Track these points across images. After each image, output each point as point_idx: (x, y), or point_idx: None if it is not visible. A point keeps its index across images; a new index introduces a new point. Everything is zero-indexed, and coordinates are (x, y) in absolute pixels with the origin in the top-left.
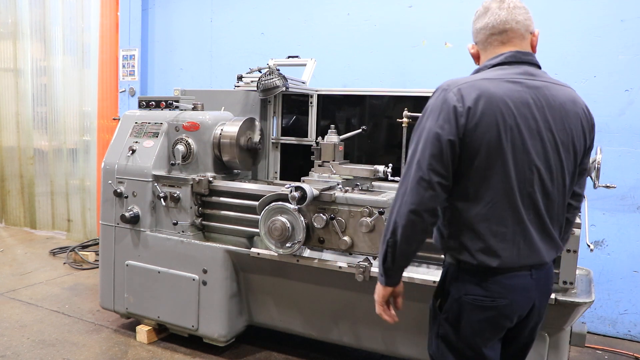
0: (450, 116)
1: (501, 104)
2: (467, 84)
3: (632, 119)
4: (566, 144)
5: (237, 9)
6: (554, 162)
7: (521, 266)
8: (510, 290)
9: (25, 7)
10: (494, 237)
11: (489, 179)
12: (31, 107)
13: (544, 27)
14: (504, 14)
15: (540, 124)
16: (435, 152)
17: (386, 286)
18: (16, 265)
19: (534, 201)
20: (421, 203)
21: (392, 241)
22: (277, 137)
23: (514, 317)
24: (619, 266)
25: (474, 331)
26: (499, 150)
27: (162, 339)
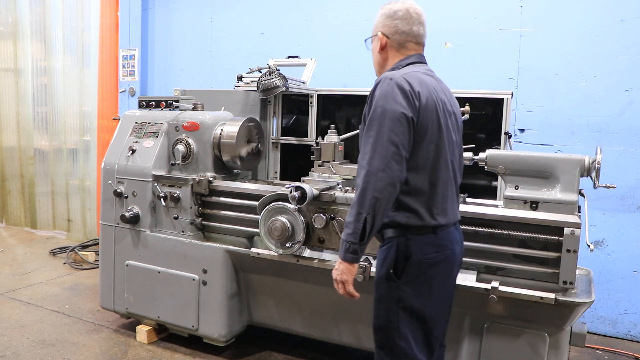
0: (408, 98)
1: (433, 90)
2: (409, 75)
3: (632, 119)
4: (458, 123)
5: (237, 9)
6: (455, 137)
7: (451, 223)
8: (450, 239)
9: (25, 7)
10: (437, 200)
11: (431, 152)
12: (31, 107)
13: (544, 27)
14: (422, 30)
15: (449, 107)
16: (404, 130)
17: (354, 263)
18: (16, 265)
19: (453, 169)
20: (396, 176)
21: (371, 217)
22: (277, 137)
23: (456, 266)
24: (619, 266)
25: (433, 285)
26: (439, 127)
27: (162, 339)
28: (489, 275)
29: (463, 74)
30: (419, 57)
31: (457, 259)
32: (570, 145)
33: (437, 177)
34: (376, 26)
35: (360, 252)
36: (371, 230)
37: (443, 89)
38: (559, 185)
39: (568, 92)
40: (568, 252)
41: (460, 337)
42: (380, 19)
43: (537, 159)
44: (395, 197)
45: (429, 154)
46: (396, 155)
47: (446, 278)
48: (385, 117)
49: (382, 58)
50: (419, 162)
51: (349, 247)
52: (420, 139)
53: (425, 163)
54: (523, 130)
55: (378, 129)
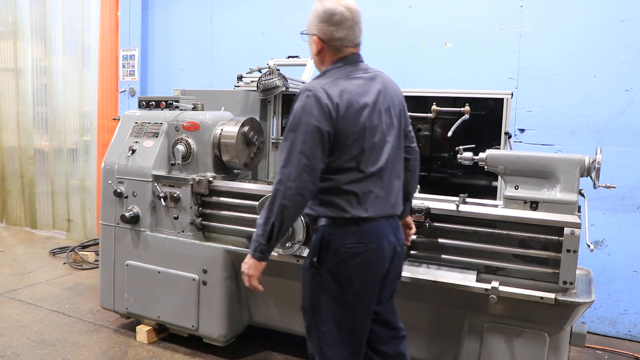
0: (324, 111)
1: (356, 96)
2: (329, 85)
3: (632, 119)
4: (398, 114)
5: (237, 9)
6: (395, 130)
7: (382, 216)
8: (376, 233)
9: (25, 7)
10: (361, 196)
11: (355, 155)
12: (31, 107)
13: (544, 27)
14: (357, 30)
15: (383, 104)
16: (316, 143)
17: (262, 261)
18: (16, 265)
19: (386, 165)
20: (305, 187)
21: (278, 222)
22: (277, 137)
23: (383, 259)
24: (619, 266)
25: (353, 275)
26: (361, 132)
27: (162, 339)
28: (489, 275)
29: (463, 74)
30: (353, 58)
31: (386, 252)
32: (570, 145)
33: (363, 176)
34: (310, 26)
35: (267, 252)
36: (278, 234)
37: (375, 87)
38: (559, 185)
39: (568, 92)
40: (568, 252)
41: (460, 337)
42: (314, 20)
43: (537, 159)
44: (304, 205)
45: (354, 156)
46: (307, 167)
47: (370, 270)
48: (300, 129)
49: (319, 59)
50: (342, 164)
51: (257, 246)
52: (344, 144)
53: (350, 164)
54: (523, 130)
55: (293, 140)
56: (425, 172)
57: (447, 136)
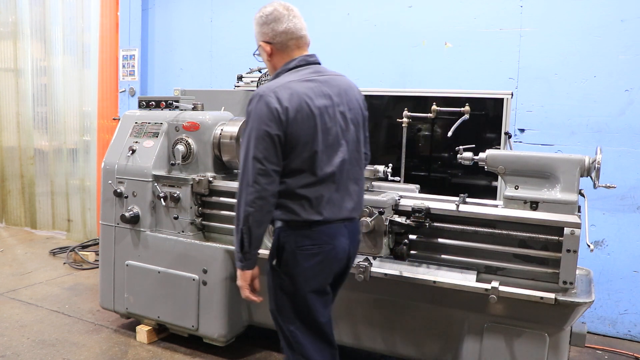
0: (274, 115)
1: (307, 98)
2: (280, 89)
3: (632, 119)
4: (355, 119)
5: (237, 9)
6: (350, 135)
7: (335, 220)
8: (331, 235)
9: (25, 7)
10: (313, 200)
11: (307, 158)
12: (31, 107)
13: (544, 27)
14: (298, 22)
15: (337, 107)
16: (267, 146)
17: (247, 270)
18: (16, 265)
19: (340, 168)
20: (263, 190)
21: (246, 228)
22: None
23: (337, 261)
24: (619, 266)
25: (309, 275)
26: (313, 135)
27: (162, 339)
28: (489, 275)
29: (463, 74)
30: (304, 59)
31: (339, 254)
32: (570, 145)
33: (315, 179)
34: (256, 38)
35: (246, 260)
36: (250, 240)
37: (329, 91)
38: (559, 185)
39: (568, 92)
40: (568, 252)
41: (460, 337)
42: (256, 29)
43: (537, 159)
44: (269, 208)
45: (306, 159)
46: (261, 170)
47: (326, 270)
48: (252, 135)
49: (271, 65)
50: (294, 167)
51: (236, 257)
52: (295, 147)
53: (302, 167)
54: (523, 130)
55: (246, 146)
56: (425, 172)
57: (447, 136)
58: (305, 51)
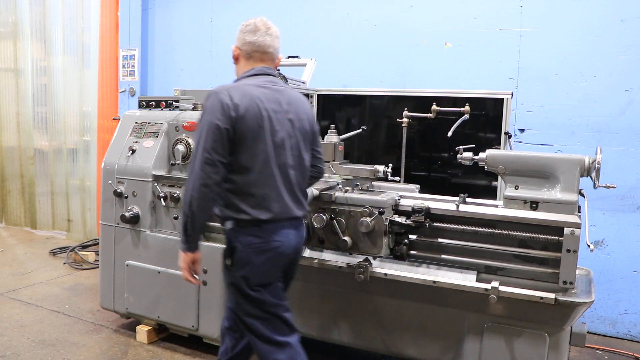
0: (224, 110)
1: (258, 101)
2: (234, 88)
3: (632, 119)
4: (302, 128)
5: (237, 9)
6: (296, 142)
7: (282, 219)
8: (278, 233)
9: (25, 7)
10: (261, 198)
11: (254, 155)
12: (31, 107)
13: (544, 27)
14: (269, 39)
15: (286, 114)
16: (216, 138)
17: (188, 252)
18: (16, 265)
19: (286, 170)
20: (209, 178)
21: (190, 212)
22: None
23: (285, 256)
24: (619, 266)
25: (259, 272)
26: (260, 133)
27: (162, 339)
28: (489, 275)
29: (463, 74)
30: (262, 70)
31: (287, 250)
32: (570, 145)
33: (262, 178)
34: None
35: (187, 243)
36: (193, 225)
37: (280, 98)
38: (559, 185)
39: (568, 92)
40: (568, 252)
41: (460, 337)
42: (237, 34)
43: (537, 159)
44: (211, 196)
45: (252, 157)
46: (208, 160)
47: (274, 267)
48: (204, 127)
49: (236, 68)
50: (242, 165)
51: (181, 238)
52: (242, 142)
53: (248, 165)
54: (523, 130)
55: (198, 137)
56: (425, 172)
57: (447, 136)
58: (267, 64)
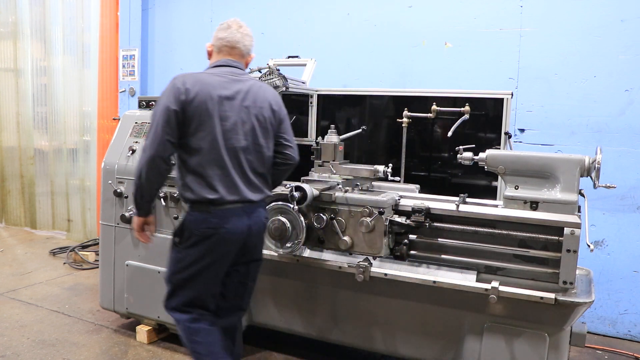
0: (176, 94)
1: (210, 87)
2: (189, 75)
3: (632, 119)
4: (260, 115)
5: (237, 9)
6: (252, 127)
7: (232, 201)
8: (226, 218)
9: (25, 7)
10: (209, 178)
11: (203, 138)
12: (31, 107)
13: (544, 27)
14: (238, 36)
15: (241, 102)
16: (166, 118)
17: (140, 217)
18: (16, 265)
19: (236, 154)
20: (157, 155)
21: (139, 182)
22: None
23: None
24: (619, 266)
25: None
26: (208, 117)
27: (162, 339)
28: (489, 275)
29: (463, 74)
30: (226, 62)
31: (235, 235)
32: (570, 145)
33: (210, 160)
34: None
35: (139, 209)
36: (142, 194)
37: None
38: (559, 185)
39: (568, 92)
40: (568, 252)
41: (460, 337)
42: None
43: (537, 159)
44: (158, 171)
45: (200, 140)
46: (158, 138)
47: (219, 250)
48: (158, 109)
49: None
50: (192, 147)
51: (134, 204)
52: (191, 124)
53: (197, 147)
54: (523, 130)
55: (153, 116)
56: (425, 172)
57: (447, 136)
58: (234, 58)
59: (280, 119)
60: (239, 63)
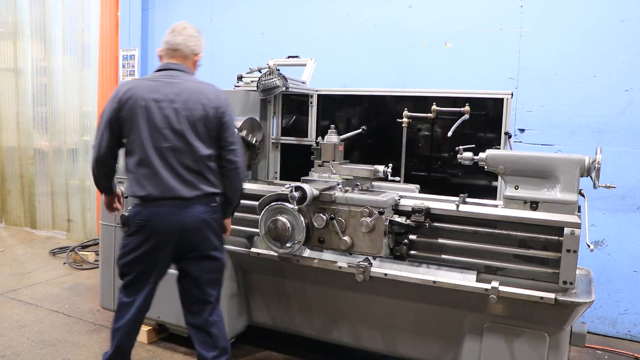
0: (112, 101)
1: (141, 91)
2: (128, 82)
3: (632, 119)
4: (191, 117)
5: (237, 9)
6: (181, 129)
7: (160, 198)
8: (156, 213)
9: (25, 7)
10: (140, 177)
11: (134, 140)
12: (31, 107)
13: (544, 27)
14: (180, 38)
15: (171, 104)
16: (106, 123)
17: (106, 195)
18: (16, 265)
19: (165, 154)
20: (98, 156)
21: (94, 177)
22: (277, 137)
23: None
24: (619, 266)
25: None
26: (137, 120)
27: (162, 339)
28: (489, 275)
29: (463, 74)
30: (166, 65)
31: (165, 229)
32: (570, 145)
33: (140, 159)
34: None
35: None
36: (98, 184)
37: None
38: (559, 185)
39: (568, 92)
40: (568, 252)
41: (460, 337)
42: None
43: (537, 159)
44: (102, 169)
45: (132, 142)
46: (99, 141)
47: (150, 241)
48: (103, 114)
49: None
50: (128, 148)
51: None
52: (124, 128)
53: (131, 148)
54: (523, 130)
55: (99, 121)
56: (425, 172)
57: (447, 136)
58: (177, 60)
59: (220, 121)
60: (179, 65)
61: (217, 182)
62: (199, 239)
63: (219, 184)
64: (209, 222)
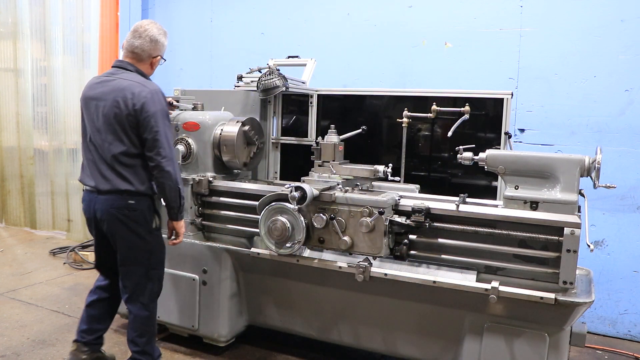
0: None
1: (85, 90)
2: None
3: (632, 119)
4: (108, 114)
5: (237, 9)
6: (101, 124)
7: (86, 185)
8: (84, 199)
9: (25, 7)
10: (83, 165)
11: (82, 131)
12: (31, 107)
13: (544, 27)
14: (138, 42)
15: (97, 101)
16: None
17: None
18: (16, 265)
19: (93, 147)
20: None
21: None
22: (277, 137)
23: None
24: (619, 266)
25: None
26: (83, 117)
27: (162, 339)
28: (489, 275)
29: (463, 74)
30: (115, 63)
31: (89, 214)
32: (570, 145)
33: (83, 150)
34: None
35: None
36: None
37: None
38: (559, 185)
39: (568, 92)
40: (568, 252)
41: (460, 337)
42: None
43: (537, 159)
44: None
45: (81, 132)
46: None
47: (90, 225)
48: None
49: None
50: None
51: None
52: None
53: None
54: (523, 130)
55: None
56: (425, 172)
57: (447, 136)
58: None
59: (137, 120)
60: (124, 62)
61: (136, 179)
62: (110, 232)
63: (141, 182)
64: (119, 217)
